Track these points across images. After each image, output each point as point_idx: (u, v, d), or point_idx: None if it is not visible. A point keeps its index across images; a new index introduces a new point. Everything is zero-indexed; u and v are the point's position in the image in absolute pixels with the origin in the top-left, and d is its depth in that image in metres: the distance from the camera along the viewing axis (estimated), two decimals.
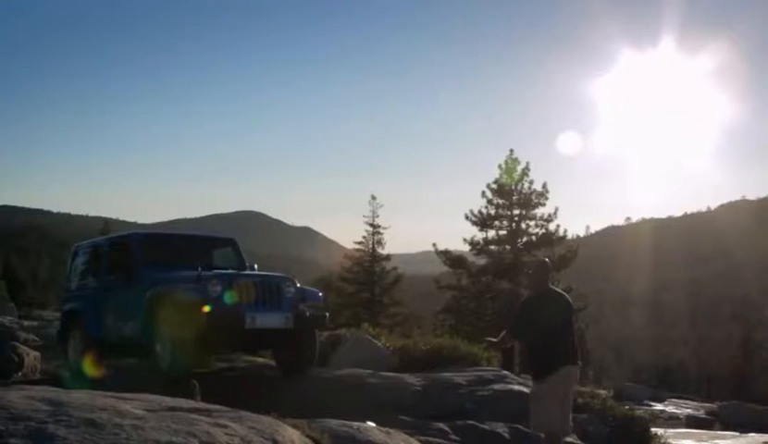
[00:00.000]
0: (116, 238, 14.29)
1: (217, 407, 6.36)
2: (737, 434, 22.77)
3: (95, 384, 10.31)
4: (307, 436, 6.50)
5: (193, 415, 5.64)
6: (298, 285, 12.02)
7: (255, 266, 13.43)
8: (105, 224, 57.60)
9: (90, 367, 12.37)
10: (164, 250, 13.26)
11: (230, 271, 12.15)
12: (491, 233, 35.66)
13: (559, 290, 8.74)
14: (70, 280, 14.45)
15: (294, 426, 6.42)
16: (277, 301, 11.52)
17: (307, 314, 11.84)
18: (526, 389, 11.78)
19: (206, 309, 10.79)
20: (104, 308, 12.89)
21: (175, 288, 11.49)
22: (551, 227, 34.95)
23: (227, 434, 5.29)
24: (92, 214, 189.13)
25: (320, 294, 12.89)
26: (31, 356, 13.52)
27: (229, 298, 11.04)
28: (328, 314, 13.03)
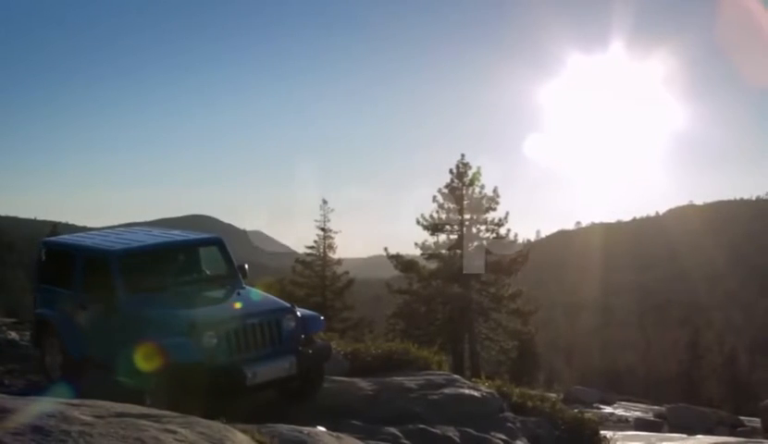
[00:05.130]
0: (91, 250, 12.13)
1: (167, 413, 6.34)
2: (685, 436, 23.17)
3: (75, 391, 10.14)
4: (257, 441, 6.50)
5: (142, 421, 5.62)
6: (299, 314, 10.88)
7: (246, 266, 12.15)
8: (54, 228, 56.64)
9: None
10: (146, 265, 11.73)
11: (226, 313, 10.60)
12: (442, 237, 35.88)
13: None
14: (40, 280, 12.80)
15: (244, 432, 6.42)
16: (278, 343, 10.34)
17: (311, 351, 10.72)
18: (476, 394, 11.89)
19: (202, 371, 9.63)
20: (82, 329, 11.65)
21: (164, 340, 9.86)
22: (502, 231, 35.26)
23: (176, 439, 5.29)
24: (39, 217, 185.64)
25: (322, 318, 11.54)
26: None
27: (227, 350, 9.95)
28: (331, 345, 12.22)
